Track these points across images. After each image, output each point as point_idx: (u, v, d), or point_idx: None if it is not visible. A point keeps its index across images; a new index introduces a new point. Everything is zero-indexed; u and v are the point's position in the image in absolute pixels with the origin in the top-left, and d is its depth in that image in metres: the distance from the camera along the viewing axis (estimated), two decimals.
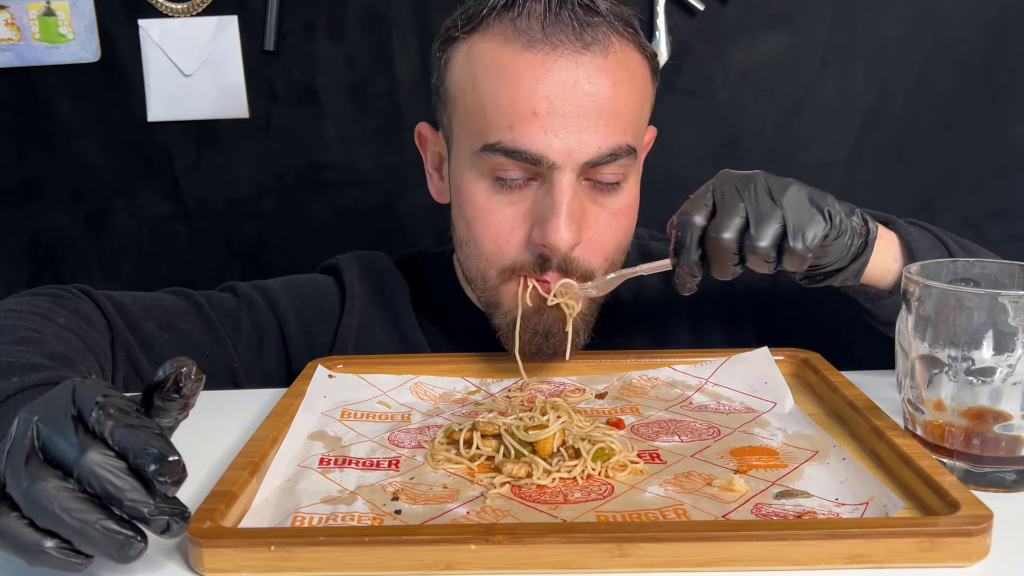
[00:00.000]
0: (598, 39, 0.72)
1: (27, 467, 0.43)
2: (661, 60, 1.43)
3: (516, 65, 0.72)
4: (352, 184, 1.52)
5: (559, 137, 0.71)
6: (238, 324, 0.88)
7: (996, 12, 1.42)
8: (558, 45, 0.71)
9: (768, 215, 0.62)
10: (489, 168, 0.74)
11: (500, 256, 0.76)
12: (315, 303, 0.91)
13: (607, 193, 0.76)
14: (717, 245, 0.63)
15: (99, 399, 0.44)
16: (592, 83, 0.72)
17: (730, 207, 0.63)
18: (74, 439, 0.44)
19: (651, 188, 1.48)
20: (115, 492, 0.43)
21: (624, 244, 0.80)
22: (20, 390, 0.58)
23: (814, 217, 0.63)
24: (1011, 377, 0.55)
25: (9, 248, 1.56)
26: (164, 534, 0.43)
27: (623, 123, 0.74)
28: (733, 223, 0.63)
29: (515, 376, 0.78)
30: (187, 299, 0.87)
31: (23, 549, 0.44)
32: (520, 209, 0.75)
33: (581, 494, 0.56)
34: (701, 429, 0.67)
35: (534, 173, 0.74)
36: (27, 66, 1.47)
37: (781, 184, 0.64)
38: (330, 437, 0.66)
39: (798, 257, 0.62)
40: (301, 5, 1.45)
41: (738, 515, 0.53)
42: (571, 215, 0.72)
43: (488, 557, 0.47)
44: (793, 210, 0.63)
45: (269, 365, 0.89)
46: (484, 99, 0.73)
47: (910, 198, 1.49)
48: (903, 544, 0.47)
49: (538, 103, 0.71)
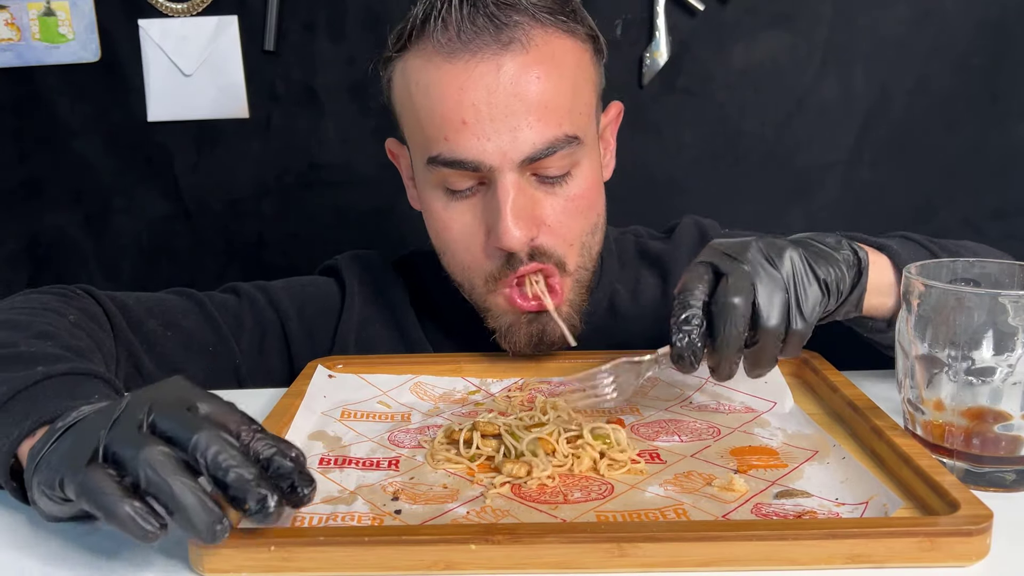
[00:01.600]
0: (516, 36, 0.72)
1: (139, 433, 0.46)
2: (661, 60, 1.44)
3: (440, 78, 0.73)
4: (352, 184, 1.52)
5: (492, 141, 0.72)
6: (241, 322, 0.89)
7: (996, 12, 1.42)
8: (477, 51, 0.72)
9: (772, 286, 0.59)
10: (439, 180, 0.76)
11: (476, 267, 0.78)
12: (316, 301, 0.92)
13: (558, 184, 0.76)
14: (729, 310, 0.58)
15: None
16: (516, 83, 0.72)
17: (735, 272, 0.60)
18: (188, 419, 0.46)
19: (651, 188, 1.50)
20: (224, 460, 0.45)
21: (590, 226, 0.80)
22: (48, 377, 0.58)
23: (812, 288, 0.61)
24: (1011, 377, 0.55)
25: (9, 248, 1.55)
26: (260, 512, 0.45)
27: (556, 115, 0.73)
28: (742, 287, 0.59)
29: (515, 376, 0.78)
30: (189, 298, 0.88)
31: (104, 505, 0.44)
32: (475, 215, 0.76)
33: (581, 494, 0.56)
34: (701, 429, 0.67)
35: (480, 179, 0.75)
36: (27, 66, 1.47)
37: (778, 249, 0.61)
38: (330, 437, 0.66)
39: (800, 335, 0.61)
40: (301, 5, 1.45)
41: (738, 515, 0.53)
42: (517, 214, 0.73)
43: (488, 557, 0.47)
44: (793, 281, 0.60)
45: (271, 363, 0.90)
46: (420, 115, 0.75)
47: (910, 198, 1.49)
48: (903, 544, 0.47)
49: (466, 112, 0.72)
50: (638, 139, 1.48)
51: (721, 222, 1.00)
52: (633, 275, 0.93)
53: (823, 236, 0.65)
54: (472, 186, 0.76)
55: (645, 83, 1.45)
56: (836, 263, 0.63)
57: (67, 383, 0.58)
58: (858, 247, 0.66)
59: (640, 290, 0.92)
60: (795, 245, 0.62)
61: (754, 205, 1.48)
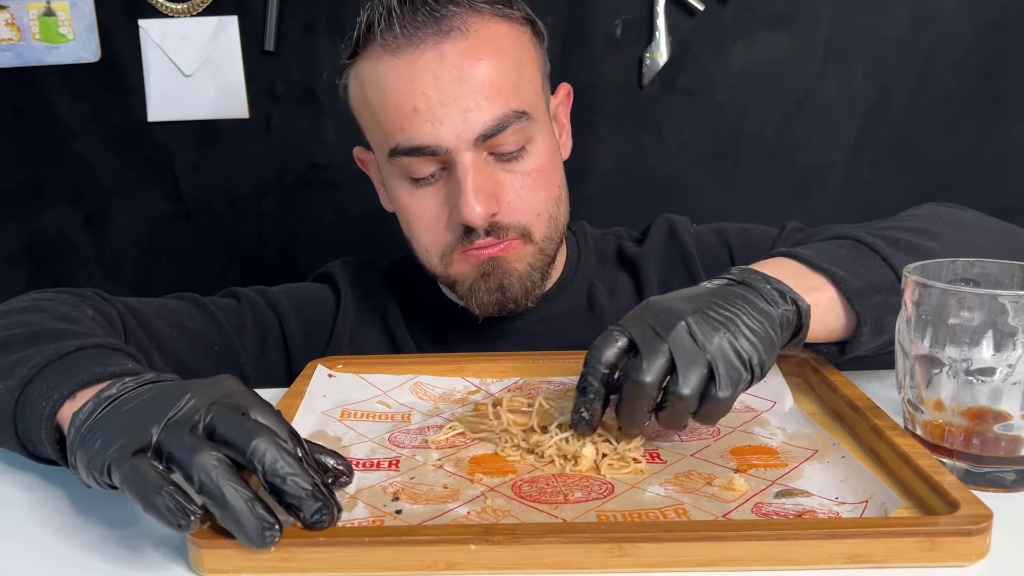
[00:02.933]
0: (455, 25, 0.77)
1: (193, 436, 0.48)
2: (661, 60, 1.44)
3: (389, 73, 0.78)
4: (352, 184, 1.51)
5: (444, 124, 0.77)
6: (243, 324, 0.92)
7: (996, 12, 1.42)
8: (420, 43, 0.77)
9: (692, 363, 0.56)
10: (402, 170, 0.81)
11: (436, 244, 0.83)
12: (312, 304, 0.96)
13: (515, 160, 0.81)
14: (636, 387, 0.56)
15: None
16: (459, 67, 0.77)
17: (650, 350, 0.57)
18: (246, 425, 0.49)
19: (651, 188, 1.50)
20: (281, 468, 0.47)
21: (552, 197, 0.84)
22: (80, 348, 0.61)
23: (735, 368, 0.57)
24: (1011, 377, 0.55)
25: (9, 248, 1.55)
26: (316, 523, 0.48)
27: (503, 93, 0.78)
28: (654, 368, 0.56)
29: (515, 376, 0.78)
30: (192, 302, 0.91)
31: (145, 497, 0.46)
32: (439, 198, 0.81)
33: (581, 493, 0.56)
34: (701, 428, 0.67)
35: (440, 163, 0.80)
36: (27, 66, 1.47)
37: (708, 330, 0.57)
38: (330, 437, 0.66)
39: (722, 406, 0.57)
40: (301, 5, 1.45)
41: (738, 514, 0.53)
42: (478, 189, 0.77)
43: (488, 557, 0.47)
44: (717, 358, 0.56)
45: (272, 363, 0.93)
46: (376, 111, 0.80)
47: (910, 198, 1.48)
48: (903, 544, 0.47)
49: (417, 100, 0.77)
50: (638, 139, 1.48)
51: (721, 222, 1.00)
52: (612, 275, 0.96)
53: (767, 287, 0.61)
54: (434, 172, 0.80)
55: (645, 83, 1.45)
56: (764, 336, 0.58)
57: (98, 354, 0.61)
58: (798, 298, 0.62)
59: (618, 290, 0.95)
60: (726, 328, 0.58)
61: (754, 205, 1.48)
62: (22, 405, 0.58)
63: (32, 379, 0.58)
